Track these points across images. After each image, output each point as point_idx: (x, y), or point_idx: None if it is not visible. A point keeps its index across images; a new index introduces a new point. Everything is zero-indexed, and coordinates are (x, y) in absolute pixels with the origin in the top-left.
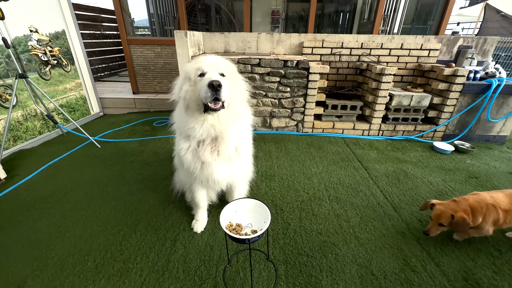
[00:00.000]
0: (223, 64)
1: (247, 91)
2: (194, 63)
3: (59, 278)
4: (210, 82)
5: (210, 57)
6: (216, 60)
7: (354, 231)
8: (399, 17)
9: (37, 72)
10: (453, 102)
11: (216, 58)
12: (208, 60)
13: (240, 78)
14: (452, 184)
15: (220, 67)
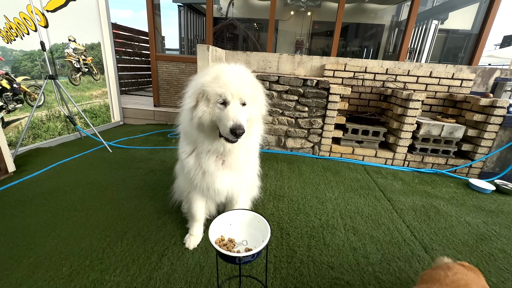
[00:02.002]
0: (248, 90)
1: (265, 106)
2: (215, 83)
3: (28, 281)
4: (233, 129)
5: (233, 78)
6: (242, 86)
7: (374, 270)
8: (426, 50)
9: (67, 77)
10: (491, 135)
11: (241, 81)
12: (233, 87)
13: (261, 94)
14: (497, 228)
15: (244, 96)
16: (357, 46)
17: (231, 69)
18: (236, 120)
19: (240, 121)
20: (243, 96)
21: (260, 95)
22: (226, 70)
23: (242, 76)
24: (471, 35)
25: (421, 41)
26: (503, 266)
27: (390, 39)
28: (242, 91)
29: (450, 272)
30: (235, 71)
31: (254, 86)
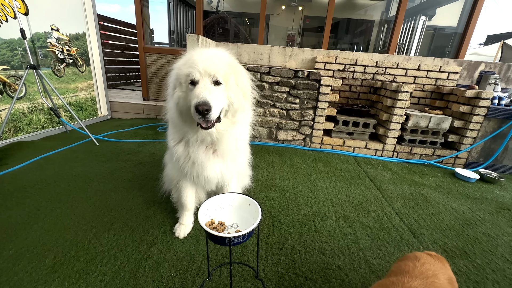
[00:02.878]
0: (219, 67)
1: (251, 91)
2: (185, 65)
3: (8, 274)
4: (196, 107)
5: (203, 58)
6: (211, 63)
7: (365, 254)
8: (414, 47)
9: (51, 68)
10: (476, 126)
11: (211, 59)
12: (200, 65)
13: (244, 76)
14: (481, 214)
15: (216, 73)
16: (348, 43)
17: (204, 50)
18: (201, 96)
19: (206, 98)
20: (213, 73)
21: (242, 76)
22: (198, 52)
23: (214, 55)
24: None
25: (409, 37)
26: (487, 248)
27: (379, 36)
28: (211, 67)
29: (418, 263)
30: (207, 51)
31: (230, 65)
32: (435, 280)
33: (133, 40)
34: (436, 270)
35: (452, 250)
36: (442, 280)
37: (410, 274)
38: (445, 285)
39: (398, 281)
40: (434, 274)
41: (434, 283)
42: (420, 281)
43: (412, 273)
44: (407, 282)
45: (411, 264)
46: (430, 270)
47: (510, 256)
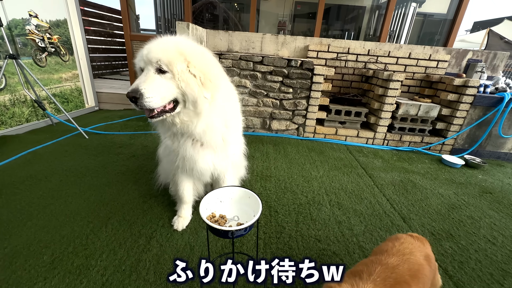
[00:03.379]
0: (163, 53)
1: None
2: (138, 55)
3: (5, 272)
4: (128, 93)
5: (150, 46)
6: (154, 50)
7: (358, 240)
8: (405, 34)
9: (32, 57)
10: (463, 114)
11: (156, 46)
12: (145, 51)
13: (202, 62)
14: (465, 198)
15: (158, 60)
16: (339, 29)
17: (158, 38)
18: (134, 84)
19: (138, 85)
20: (155, 60)
21: (200, 62)
22: (152, 40)
23: (164, 42)
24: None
25: (400, 24)
26: (471, 230)
27: (370, 22)
28: (153, 54)
29: (397, 242)
30: (160, 39)
31: (181, 52)
32: (411, 256)
33: (117, 27)
34: (413, 248)
35: (439, 233)
36: (417, 257)
37: (388, 253)
38: (420, 261)
39: (377, 259)
40: (411, 252)
41: (409, 259)
42: (396, 258)
43: (390, 252)
44: (384, 260)
45: (391, 244)
46: (407, 249)
47: (491, 237)
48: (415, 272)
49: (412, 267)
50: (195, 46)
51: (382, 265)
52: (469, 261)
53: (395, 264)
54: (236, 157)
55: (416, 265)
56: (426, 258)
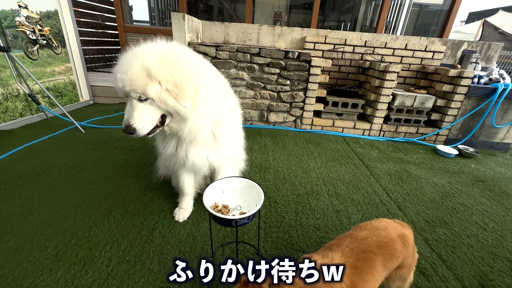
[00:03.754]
0: (136, 85)
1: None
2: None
3: (10, 264)
4: (123, 129)
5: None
6: (128, 84)
7: None
8: (401, 25)
9: (23, 50)
10: (457, 104)
11: (126, 78)
12: (120, 84)
13: (175, 76)
14: (458, 186)
15: (133, 92)
16: (335, 20)
17: (129, 56)
18: (125, 120)
19: (128, 121)
20: (131, 93)
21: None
22: (123, 59)
23: (134, 65)
24: (442, 10)
25: (396, 15)
26: (463, 217)
27: (367, 13)
28: (128, 87)
29: (375, 221)
30: (131, 58)
31: (150, 75)
32: (383, 231)
33: (110, 18)
34: (388, 226)
35: (433, 220)
36: (390, 232)
37: (361, 228)
38: (391, 236)
39: (349, 233)
40: (384, 228)
41: (379, 233)
42: (367, 232)
43: (363, 227)
44: (355, 233)
45: (368, 222)
46: (382, 226)
47: (482, 223)
48: (383, 244)
49: (381, 239)
50: (161, 57)
51: (351, 238)
52: (462, 246)
53: (364, 237)
54: (235, 151)
55: (385, 238)
56: (400, 236)
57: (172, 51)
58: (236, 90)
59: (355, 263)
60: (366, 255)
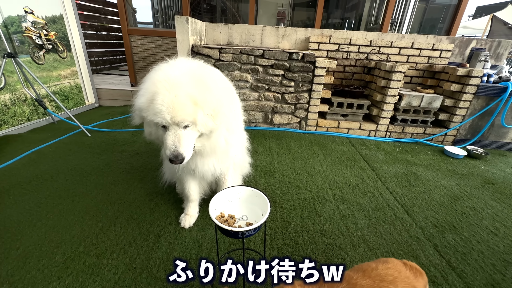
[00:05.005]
0: (186, 114)
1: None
2: (150, 109)
3: (20, 272)
4: (171, 159)
5: (169, 105)
6: (178, 111)
7: (363, 234)
8: (407, 22)
9: (29, 55)
10: (466, 104)
11: (175, 107)
12: (167, 116)
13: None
14: (468, 189)
15: (183, 121)
16: (339, 18)
17: (167, 87)
18: (173, 150)
19: (178, 151)
20: (181, 122)
21: (213, 103)
22: (161, 92)
23: (179, 97)
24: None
25: (402, 12)
26: (473, 221)
27: (372, 10)
28: (178, 117)
29: (383, 266)
30: (171, 90)
31: (197, 103)
32: (390, 285)
33: (114, 20)
34: (398, 277)
35: (442, 225)
36: None
37: (364, 273)
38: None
39: (348, 275)
40: (393, 280)
41: (386, 287)
42: (370, 282)
43: (368, 273)
44: (355, 280)
45: (374, 265)
46: (391, 276)
47: (493, 227)
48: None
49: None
50: (198, 82)
51: (349, 284)
52: (472, 252)
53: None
54: (238, 156)
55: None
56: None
57: (201, 73)
58: (240, 92)
59: None
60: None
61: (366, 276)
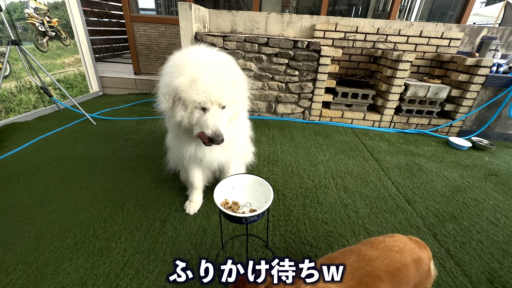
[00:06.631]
0: (229, 94)
1: (247, 96)
2: (193, 89)
3: (33, 253)
4: (211, 139)
5: (214, 85)
6: (223, 91)
7: (364, 222)
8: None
9: (33, 42)
10: (473, 95)
11: (222, 87)
12: (213, 94)
13: (242, 87)
14: (470, 180)
15: (225, 101)
16: (345, 4)
17: (208, 67)
18: (216, 129)
19: (220, 130)
20: (223, 102)
21: (242, 89)
22: (204, 72)
23: (223, 78)
24: None
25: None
26: (474, 212)
27: None
28: (222, 96)
29: (390, 239)
30: (213, 70)
31: (235, 85)
32: (396, 254)
33: (116, 7)
34: (403, 248)
35: (442, 215)
36: (404, 257)
37: (372, 245)
38: (405, 261)
39: (357, 249)
40: (399, 250)
41: (392, 256)
42: (378, 252)
43: (376, 245)
44: (364, 251)
45: (382, 239)
46: (397, 247)
47: (494, 218)
48: (394, 269)
49: (393, 264)
50: (237, 69)
51: (359, 256)
52: (471, 241)
53: (374, 257)
54: (242, 146)
55: (398, 263)
56: (416, 261)
57: (229, 59)
58: None
59: (354, 287)
60: (370, 280)
61: (374, 248)
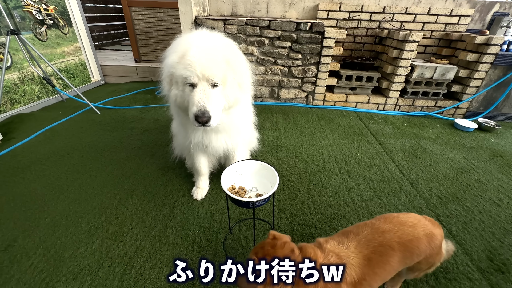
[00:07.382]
0: (218, 70)
1: (250, 82)
2: (180, 64)
3: (51, 238)
4: (195, 117)
5: (200, 59)
6: (209, 66)
7: (367, 205)
8: None
9: (32, 31)
10: (481, 75)
11: (209, 61)
12: (198, 68)
13: (242, 68)
14: (475, 162)
15: (213, 76)
16: None
17: (199, 43)
18: (201, 106)
19: (205, 107)
20: (211, 77)
21: (240, 68)
22: (193, 46)
23: (212, 52)
24: None
25: None
26: (477, 193)
27: None
28: (209, 71)
29: (404, 215)
30: (203, 46)
31: (229, 62)
32: (409, 229)
33: None
34: (417, 223)
35: (445, 197)
36: (417, 231)
37: (386, 220)
38: (417, 235)
39: (371, 223)
40: (412, 225)
41: (405, 229)
42: (391, 225)
43: (389, 220)
44: (377, 224)
45: (396, 214)
46: (410, 222)
47: (497, 199)
48: (406, 241)
49: (405, 236)
50: (235, 49)
51: (372, 228)
52: (473, 221)
53: (387, 230)
54: (247, 131)
55: (410, 235)
56: (428, 235)
57: (230, 41)
58: None
59: (369, 255)
60: (383, 249)
61: (387, 222)
